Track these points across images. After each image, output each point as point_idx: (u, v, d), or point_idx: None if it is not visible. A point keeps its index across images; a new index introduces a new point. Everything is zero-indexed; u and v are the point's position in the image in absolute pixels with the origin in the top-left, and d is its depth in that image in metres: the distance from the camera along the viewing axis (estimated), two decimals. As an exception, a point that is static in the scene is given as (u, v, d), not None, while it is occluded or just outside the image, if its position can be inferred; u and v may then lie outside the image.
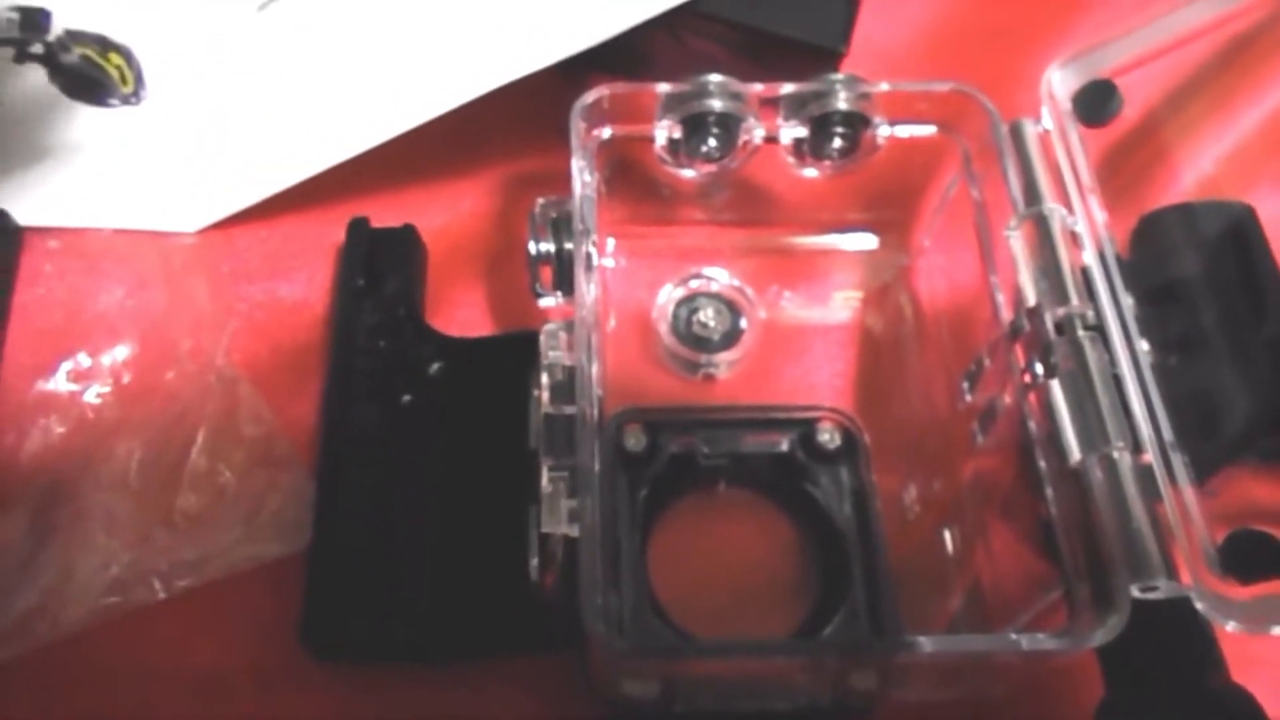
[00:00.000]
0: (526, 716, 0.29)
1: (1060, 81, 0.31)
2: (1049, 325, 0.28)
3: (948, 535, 0.33)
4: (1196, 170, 0.35)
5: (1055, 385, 0.27)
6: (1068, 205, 0.30)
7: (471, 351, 0.33)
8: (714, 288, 0.36)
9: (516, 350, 0.32)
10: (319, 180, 0.35)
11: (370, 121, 0.34)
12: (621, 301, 0.36)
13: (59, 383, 0.32)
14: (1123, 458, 0.26)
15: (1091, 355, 0.27)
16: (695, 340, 0.35)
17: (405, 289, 0.34)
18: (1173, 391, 0.27)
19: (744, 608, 0.32)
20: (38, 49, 0.37)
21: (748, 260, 0.37)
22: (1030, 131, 0.31)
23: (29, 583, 0.28)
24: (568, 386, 0.28)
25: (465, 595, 0.30)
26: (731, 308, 0.36)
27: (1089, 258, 0.29)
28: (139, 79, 0.37)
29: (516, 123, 0.37)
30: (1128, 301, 0.28)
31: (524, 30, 0.33)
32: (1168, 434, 0.26)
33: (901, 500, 0.34)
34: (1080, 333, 0.28)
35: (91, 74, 0.37)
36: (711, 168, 0.34)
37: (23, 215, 0.35)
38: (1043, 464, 0.28)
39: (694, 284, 0.36)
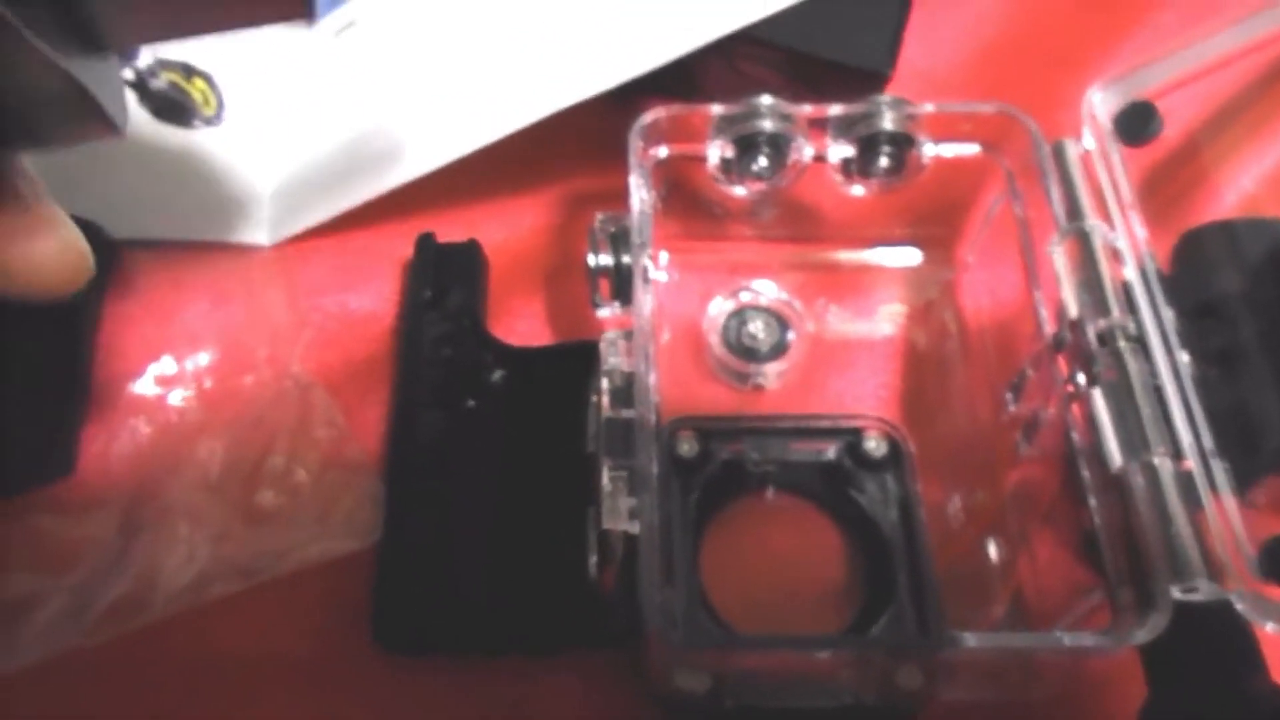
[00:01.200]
0: (582, 707, 0.31)
1: (1101, 102, 0.32)
2: (1091, 337, 0.29)
3: (991, 543, 0.34)
4: (1237, 189, 0.36)
5: (1097, 394, 0.28)
6: (1109, 222, 0.31)
7: (531, 360, 0.35)
8: (763, 301, 0.38)
9: (574, 359, 0.34)
10: (386, 197, 0.37)
11: (438, 142, 0.36)
12: (674, 314, 0.37)
13: (146, 386, 0.34)
14: (1164, 464, 0.27)
15: (1133, 365, 0.28)
16: (745, 351, 0.37)
17: (469, 301, 0.36)
18: (1213, 403, 0.28)
19: (792, 609, 0.33)
20: (128, 75, 0.39)
21: (795, 274, 0.38)
22: (1072, 151, 0.32)
23: (121, 573, 0.30)
24: (626, 391, 0.29)
25: (526, 591, 0.31)
26: (780, 320, 0.37)
27: (1130, 272, 0.30)
28: (220, 103, 0.39)
29: (572, 142, 0.39)
30: (1168, 315, 0.29)
31: (587, 55, 0.34)
32: (1208, 442, 0.27)
33: (946, 509, 0.34)
34: (1121, 344, 0.29)
35: (177, 98, 0.39)
36: (762, 186, 0.35)
37: (115, 229, 0.37)
38: (1086, 472, 0.29)
39: (744, 297, 0.38)
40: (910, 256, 0.38)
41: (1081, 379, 0.29)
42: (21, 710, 0.29)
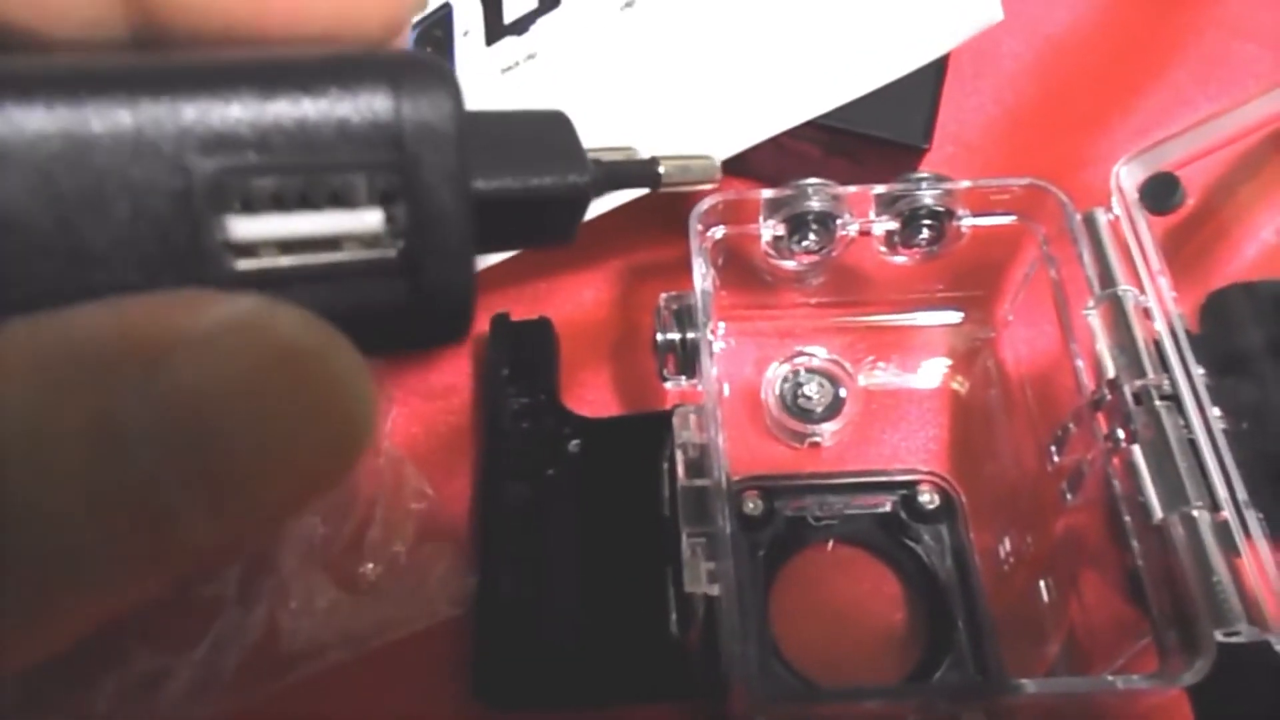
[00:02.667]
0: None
1: (1127, 175, 0.34)
2: (1128, 396, 0.31)
3: (1043, 586, 0.36)
4: (1258, 242, 0.38)
5: (1137, 450, 0.31)
6: (1139, 285, 0.33)
7: (606, 430, 0.37)
8: (815, 363, 0.40)
9: (645, 428, 0.36)
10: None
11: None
12: (732, 378, 0.40)
13: (251, 467, 0.37)
14: (1202, 516, 0.29)
15: (1168, 423, 0.31)
16: (801, 412, 0.39)
17: (544, 376, 0.38)
18: (1245, 455, 0.30)
19: (858, 655, 0.35)
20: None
21: (844, 337, 0.40)
22: (1102, 220, 0.34)
23: (241, 646, 0.33)
24: (700, 462, 0.32)
25: (612, 647, 0.33)
26: (832, 381, 0.40)
27: (1161, 333, 0.32)
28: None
29: (627, 217, 0.41)
30: (1198, 372, 0.31)
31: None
32: (1241, 494, 0.29)
33: (997, 554, 0.37)
34: (1157, 403, 0.31)
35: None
36: (811, 258, 0.38)
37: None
38: (1129, 520, 0.31)
39: (797, 361, 0.40)
40: (951, 316, 0.40)
41: (1121, 435, 0.32)
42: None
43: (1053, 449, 0.36)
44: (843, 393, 0.39)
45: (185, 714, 0.32)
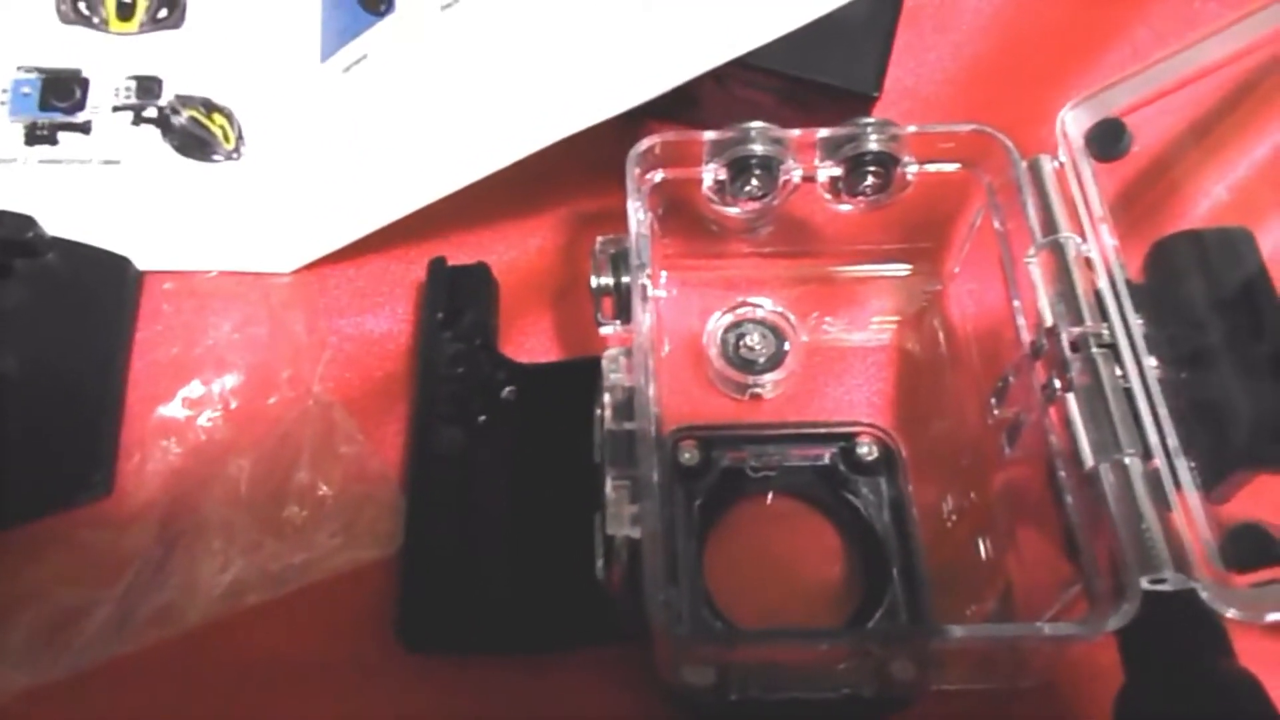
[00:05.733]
0: (595, 702, 0.32)
1: (1073, 121, 0.33)
2: (1065, 344, 0.31)
3: (981, 542, 0.35)
4: (1211, 198, 0.37)
5: (1071, 398, 0.30)
6: (1082, 234, 0.33)
7: (540, 376, 0.37)
8: (759, 314, 0.39)
9: (580, 374, 0.35)
10: (399, 223, 0.39)
11: (448, 169, 0.37)
12: (674, 329, 0.39)
13: (176, 409, 0.36)
14: (1133, 464, 0.29)
15: (1104, 370, 0.30)
16: (743, 363, 0.38)
17: (480, 321, 0.37)
18: (1181, 404, 0.30)
19: (792, 607, 0.35)
20: (152, 112, 0.41)
21: (790, 288, 0.40)
22: (1047, 167, 0.34)
23: (161, 584, 0.32)
24: (628, 405, 0.31)
25: (540, 593, 0.33)
26: (776, 332, 0.39)
27: (1101, 282, 0.32)
28: (240, 137, 0.41)
29: (576, 164, 0.40)
30: (1137, 321, 0.31)
31: (590, 85, 0.36)
32: (1173, 442, 0.29)
33: (939, 510, 0.36)
34: (1094, 350, 0.30)
35: (198, 133, 0.41)
36: (755, 205, 0.37)
37: (142, 261, 0.39)
38: (1062, 472, 0.31)
39: (741, 311, 0.39)
40: (899, 269, 0.40)
41: (1057, 384, 0.31)
42: (68, 717, 0.31)
43: (993, 401, 0.35)
44: (786, 345, 0.39)
45: (102, 651, 0.32)
